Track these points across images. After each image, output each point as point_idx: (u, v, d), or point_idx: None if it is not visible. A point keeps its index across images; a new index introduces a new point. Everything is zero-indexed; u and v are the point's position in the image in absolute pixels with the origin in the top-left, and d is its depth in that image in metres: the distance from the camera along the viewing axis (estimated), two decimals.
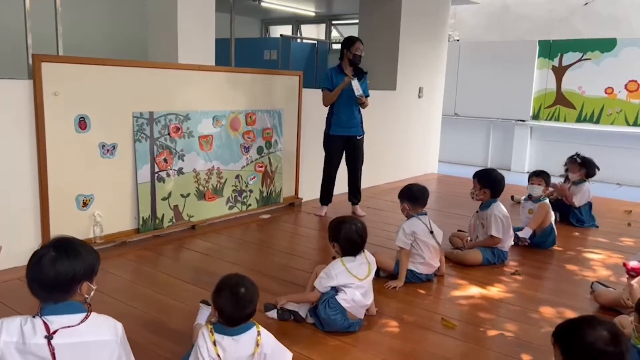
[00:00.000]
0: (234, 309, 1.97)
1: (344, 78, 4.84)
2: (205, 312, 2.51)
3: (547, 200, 4.44)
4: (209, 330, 1.97)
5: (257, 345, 1.99)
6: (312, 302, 2.81)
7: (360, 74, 4.87)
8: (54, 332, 1.65)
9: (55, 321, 1.67)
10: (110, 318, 1.83)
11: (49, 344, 1.64)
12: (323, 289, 2.75)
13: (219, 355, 1.93)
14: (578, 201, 5.09)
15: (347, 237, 2.78)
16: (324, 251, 4.15)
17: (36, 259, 1.70)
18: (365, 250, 2.87)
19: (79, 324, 1.69)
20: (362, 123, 5.09)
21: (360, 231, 2.80)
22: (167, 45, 4.43)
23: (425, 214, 3.56)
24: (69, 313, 1.70)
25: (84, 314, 1.71)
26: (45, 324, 1.66)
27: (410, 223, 3.47)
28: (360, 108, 5.00)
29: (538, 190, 4.42)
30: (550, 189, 4.74)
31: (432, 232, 3.48)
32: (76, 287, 1.72)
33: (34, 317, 1.68)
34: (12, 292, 3.14)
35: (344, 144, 5.06)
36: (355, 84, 4.79)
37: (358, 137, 5.07)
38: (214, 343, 1.94)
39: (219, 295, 1.99)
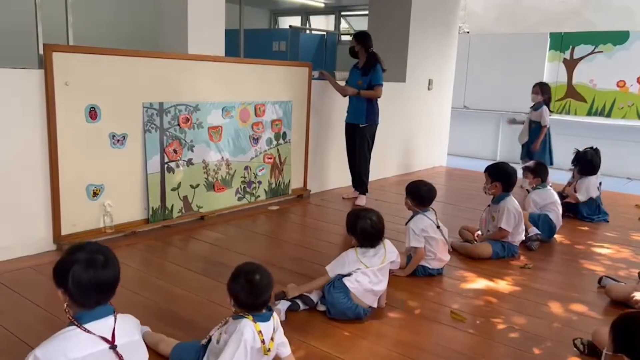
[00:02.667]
0: (248, 296, 2.02)
1: (353, 70, 5.32)
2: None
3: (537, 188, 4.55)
4: (252, 321, 2.01)
5: (274, 321, 2.11)
6: (322, 287, 2.85)
7: (364, 69, 5.15)
8: (113, 337, 1.66)
9: (97, 327, 1.66)
10: (131, 316, 1.87)
11: (116, 352, 1.65)
12: (332, 274, 2.80)
13: (263, 341, 2.00)
14: (582, 196, 5.06)
15: (362, 232, 2.83)
16: (332, 243, 4.15)
17: (86, 263, 1.66)
18: (386, 241, 2.91)
19: (114, 325, 1.69)
20: (369, 112, 5.21)
21: (375, 224, 2.83)
22: (177, 36, 4.42)
23: (430, 210, 3.54)
24: (105, 316, 1.70)
25: (113, 314, 1.72)
26: (102, 337, 1.65)
27: (418, 221, 3.45)
28: (366, 98, 5.17)
29: (525, 183, 4.75)
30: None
31: (438, 227, 3.47)
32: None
33: (69, 327, 1.65)
34: (25, 280, 3.16)
35: (350, 131, 5.38)
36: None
37: (361, 126, 5.24)
38: (260, 332, 2.00)
39: (235, 282, 2.05)
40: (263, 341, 2.00)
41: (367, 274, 2.78)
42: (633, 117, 8.42)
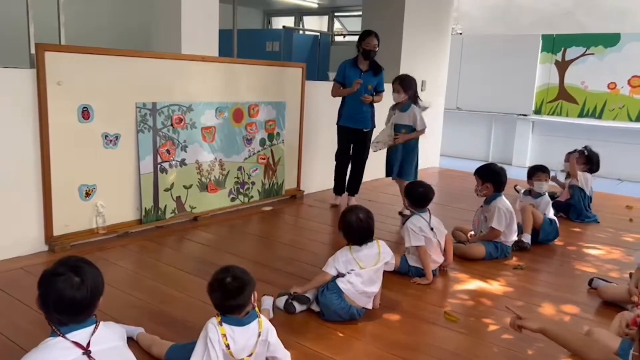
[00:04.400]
0: (221, 299, 2.00)
1: (356, 72, 4.93)
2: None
3: (529, 199, 4.41)
4: (217, 323, 1.99)
5: (260, 328, 2.06)
6: (322, 284, 2.83)
7: (375, 70, 4.95)
8: (88, 343, 1.68)
9: (76, 335, 1.69)
10: (116, 325, 1.89)
11: (90, 357, 1.67)
12: (330, 271, 2.79)
13: (227, 346, 1.97)
14: (589, 190, 5.11)
15: (349, 228, 2.83)
16: (326, 243, 4.15)
17: (60, 286, 1.65)
18: (379, 241, 2.90)
19: (93, 333, 1.71)
20: (372, 117, 5.08)
21: (362, 221, 2.83)
22: (170, 36, 4.41)
23: (426, 211, 3.55)
24: (86, 326, 1.72)
25: (94, 324, 1.74)
26: (75, 343, 1.67)
27: (415, 220, 3.45)
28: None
29: (545, 186, 4.43)
30: (552, 183, 4.70)
31: (432, 229, 3.47)
32: (99, 301, 1.76)
33: (50, 337, 1.68)
34: (16, 281, 3.14)
35: (351, 136, 5.10)
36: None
37: (365, 130, 5.06)
38: (224, 336, 1.97)
39: (210, 287, 2.03)
40: (228, 346, 1.97)
41: (360, 275, 2.78)
42: (624, 118, 8.48)
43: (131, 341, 2.43)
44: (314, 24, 11.07)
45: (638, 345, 1.75)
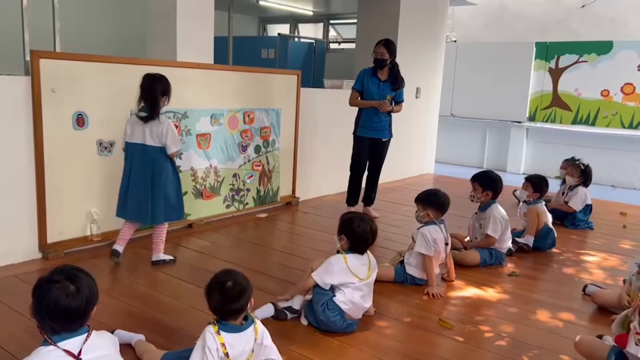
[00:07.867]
0: (222, 303, 2.00)
1: (375, 82, 4.90)
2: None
3: (538, 204, 4.41)
4: (215, 332, 1.99)
5: (256, 333, 2.06)
6: (306, 290, 2.80)
7: (394, 84, 4.90)
8: (79, 352, 1.68)
9: (68, 344, 1.69)
10: (108, 333, 1.89)
11: None
12: (323, 285, 2.72)
13: (227, 355, 1.97)
14: (576, 205, 5.11)
15: (359, 235, 2.77)
16: (320, 250, 4.14)
17: (56, 293, 1.65)
18: (369, 251, 2.87)
19: (85, 341, 1.71)
20: (390, 126, 5.06)
21: (374, 232, 2.81)
22: (165, 43, 4.41)
23: (443, 222, 3.49)
24: (78, 335, 1.72)
25: (87, 332, 1.74)
26: (67, 351, 1.67)
27: (432, 230, 3.38)
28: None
29: (523, 194, 4.47)
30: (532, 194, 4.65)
31: (447, 244, 3.44)
32: (93, 310, 1.76)
33: (42, 346, 1.68)
34: (9, 289, 3.12)
35: (369, 146, 5.04)
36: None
37: (383, 140, 5.04)
38: (223, 345, 1.97)
39: (209, 290, 2.03)
40: (227, 354, 1.96)
41: (360, 289, 2.76)
42: (617, 125, 8.55)
43: (129, 348, 2.42)
44: (309, 32, 11.11)
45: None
